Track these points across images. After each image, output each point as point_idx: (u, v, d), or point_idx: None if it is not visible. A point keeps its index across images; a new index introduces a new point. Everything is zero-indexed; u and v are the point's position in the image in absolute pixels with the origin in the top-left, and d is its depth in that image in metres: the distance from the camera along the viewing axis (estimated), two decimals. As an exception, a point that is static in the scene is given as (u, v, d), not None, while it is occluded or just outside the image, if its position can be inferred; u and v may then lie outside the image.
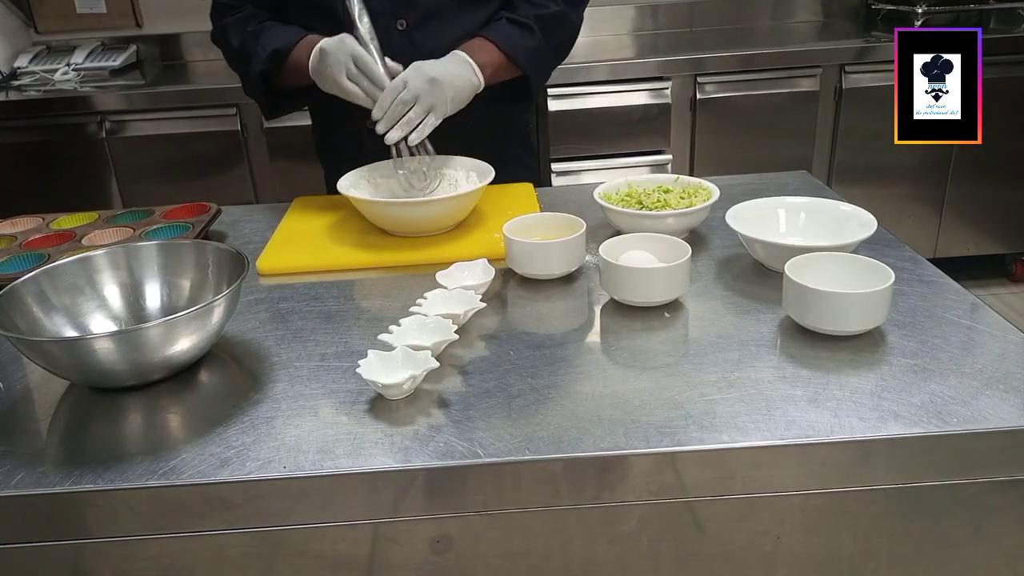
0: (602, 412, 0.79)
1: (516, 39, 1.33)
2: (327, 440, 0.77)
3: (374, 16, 1.26)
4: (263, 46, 1.31)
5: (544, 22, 1.35)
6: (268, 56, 1.30)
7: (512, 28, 1.34)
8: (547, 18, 1.36)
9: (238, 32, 1.36)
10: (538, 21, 1.35)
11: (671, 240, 1.02)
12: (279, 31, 1.33)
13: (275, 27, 1.34)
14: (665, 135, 2.68)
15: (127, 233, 1.30)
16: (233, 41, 1.36)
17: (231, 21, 1.37)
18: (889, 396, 0.79)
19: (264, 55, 1.30)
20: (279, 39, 1.31)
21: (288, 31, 1.33)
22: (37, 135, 2.62)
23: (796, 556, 0.79)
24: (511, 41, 1.32)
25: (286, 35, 1.32)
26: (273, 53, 1.30)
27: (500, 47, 1.31)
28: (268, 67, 1.31)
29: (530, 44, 1.34)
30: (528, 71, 1.36)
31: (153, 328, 0.83)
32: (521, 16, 1.35)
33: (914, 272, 1.04)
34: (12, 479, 0.74)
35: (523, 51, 1.34)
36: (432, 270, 1.05)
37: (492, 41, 1.31)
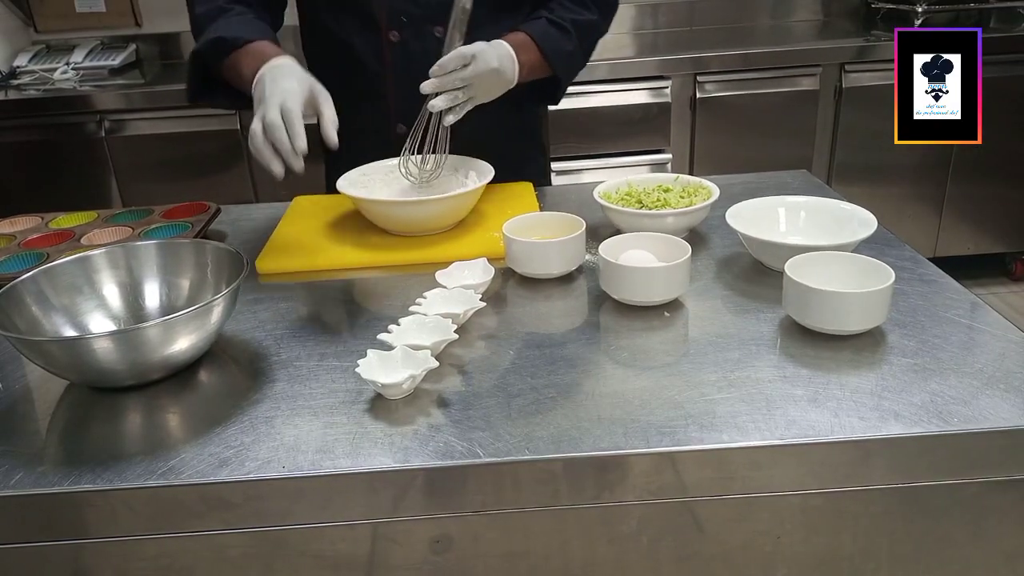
0: (602, 412, 0.79)
1: (556, 42, 1.33)
2: (326, 440, 0.77)
3: (413, 21, 1.29)
4: (214, 28, 1.23)
5: (581, 28, 1.36)
6: (210, 42, 1.21)
7: (552, 29, 1.33)
8: (584, 24, 1.37)
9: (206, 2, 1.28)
10: (575, 26, 1.35)
11: (671, 239, 1.02)
12: (239, 22, 1.25)
13: (243, 16, 1.27)
14: (665, 134, 2.68)
15: (126, 232, 1.30)
16: (196, 7, 1.28)
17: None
18: (889, 396, 0.79)
19: (208, 38, 1.21)
20: (232, 30, 1.21)
21: (248, 26, 1.24)
22: (36, 134, 2.62)
23: (796, 556, 0.79)
24: (551, 43, 1.32)
25: (241, 29, 1.22)
26: (216, 41, 1.20)
27: (540, 47, 1.31)
28: (205, 51, 1.22)
29: (567, 48, 1.34)
30: (561, 75, 1.36)
31: (152, 328, 0.83)
32: (559, 18, 1.35)
33: (914, 271, 1.04)
34: (11, 479, 0.74)
35: (560, 54, 1.34)
36: (432, 269, 1.05)
37: (534, 40, 1.31)
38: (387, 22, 1.32)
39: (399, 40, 1.33)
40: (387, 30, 1.33)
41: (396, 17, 1.32)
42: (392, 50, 1.34)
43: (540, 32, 1.32)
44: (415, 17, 1.32)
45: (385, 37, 1.33)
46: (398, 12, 1.32)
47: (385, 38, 1.33)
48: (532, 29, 1.31)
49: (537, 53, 1.31)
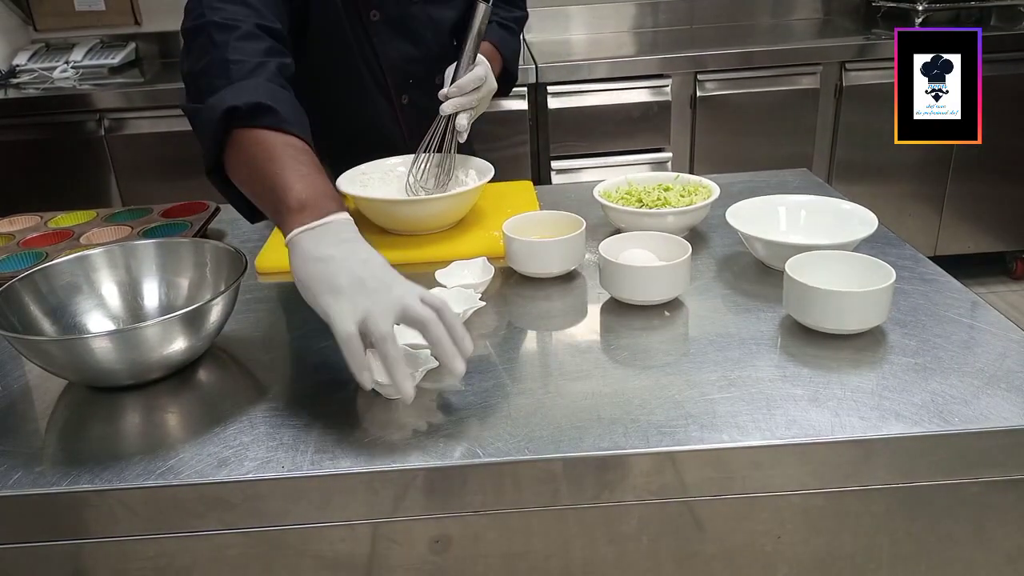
0: (602, 411, 0.79)
1: (510, 44, 1.43)
2: (326, 440, 0.77)
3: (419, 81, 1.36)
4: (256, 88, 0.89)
5: (519, 24, 1.51)
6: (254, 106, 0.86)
7: (504, 33, 1.43)
8: (521, 20, 1.52)
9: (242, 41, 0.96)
10: (516, 22, 1.48)
11: (671, 238, 1.02)
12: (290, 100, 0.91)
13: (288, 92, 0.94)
14: (665, 133, 2.68)
15: (125, 231, 1.30)
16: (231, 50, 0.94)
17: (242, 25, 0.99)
18: (890, 395, 0.79)
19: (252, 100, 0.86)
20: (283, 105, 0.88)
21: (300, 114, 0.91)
22: (36, 133, 2.62)
23: (796, 556, 0.79)
24: (508, 47, 1.42)
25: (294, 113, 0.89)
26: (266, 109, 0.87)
27: (502, 53, 1.40)
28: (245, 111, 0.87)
29: (516, 47, 1.46)
30: (515, 72, 1.46)
31: (151, 327, 0.83)
32: (504, 20, 1.45)
33: (915, 270, 1.04)
34: (10, 479, 0.74)
35: (514, 54, 1.45)
36: (431, 268, 1.05)
37: (499, 50, 1.39)
38: (395, 89, 1.37)
39: (409, 102, 1.39)
40: (397, 96, 1.38)
41: (403, 81, 1.38)
42: (404, 112, 1.39)
43: (499, 38, 1.41)
44: (419, 76, 1.37)
45: (397, 104, 1.39)
46: (404, 76, 1.37)
47: (397, 105, 1.39)
48: (493, 36, 1.39)
49: (499, 60, 1.40)
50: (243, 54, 0.94)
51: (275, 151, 0.84)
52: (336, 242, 0.78)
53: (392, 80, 1.36)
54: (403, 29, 1.34)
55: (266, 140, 0.86)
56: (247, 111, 0.86)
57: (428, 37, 1.37)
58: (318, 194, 0.81)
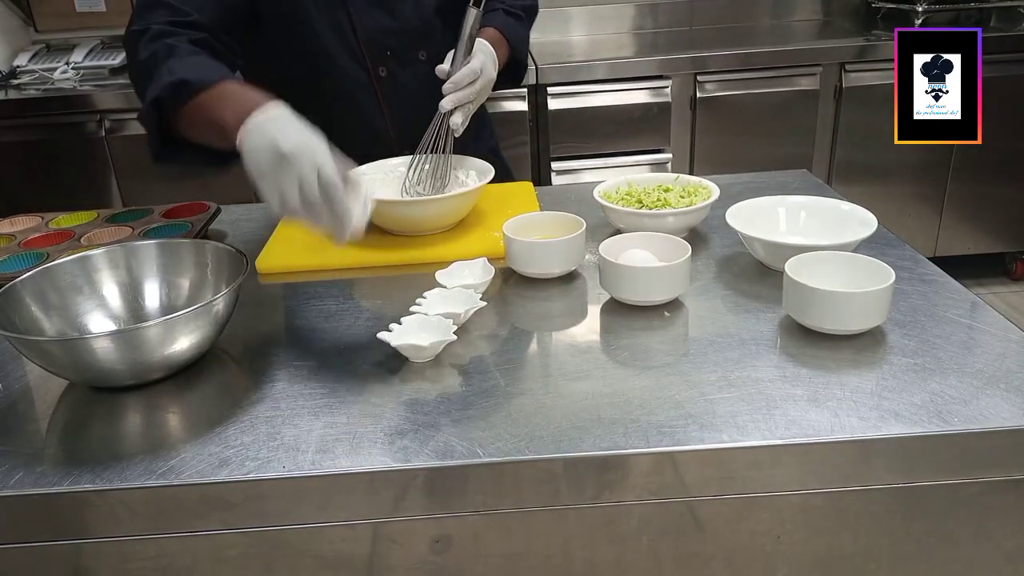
0: (602, 412, 0.79)
1: (517, 31, 1.41)
2: (326, 440, 0.77)
3: (396, 53, 1.34)
4: (168, 70, 1.03)
5: (529, 12, 1.48)
6: (171, 85, 1.01)
7: (511, 20, 1.40)
8: (530, 8, 1.49)
9: (151, 42, 1.10)
10: (525, 11, 1.45)
11: (671, 239, 1.02)
12: (199, 63, 1.07)
13: (198, 56, 1.10)
14: (665, 134, 2.68)
15: (126, 232, 1.30)
16: (141, 51, 1.10)
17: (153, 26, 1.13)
18: (889, 395, 0.79)
19: (167, 81, 1.01)
20: (194, 71, 1.02)
21: (210, 67, 1.05)
22: (36, 134, 2.62)
23: (796, 556, 0.79)
24: (514, 33, 1.40)
25: (205, 70, 1.03)
26: (179, 84, 1.00)
27: (508, 40, 1.38)
28: (165, 96, 1.01)
29: (523, 34, 1.44)
30: (524, 61, 1.44)
31: (152, 327, 0.83)
32: (511, 7, 1.42)
33: (914, 271, 1.04)
34: (11, 479, 0.74)
35: (521, 42, 1.42)
36: (432, 269, 1.05)
37: (505, 36, 1.37)
38: (372, 60, 1.35)
39: (387, 74, 1.37)
40: (374, 67, 1.36)
41: (380, 52, 1.35)
42: (383, 85, 1.37)
43: (505, 24, 1.39)
44: (396, 48, 1.35)
45: (374, 75, 1.36)
46: (381, 47, 1.35)
47: (374, 76, 1.36)
48: (497, 23, 1.38)
49: (506, 46, 1.38)
50: (154, 48, 1.09)
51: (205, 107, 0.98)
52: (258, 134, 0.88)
53: (369, 52, 1.34)
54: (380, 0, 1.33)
55: (197, 105, 0.99)
56: (169, 94, 1.01)
57: (407, 11, 1.35)
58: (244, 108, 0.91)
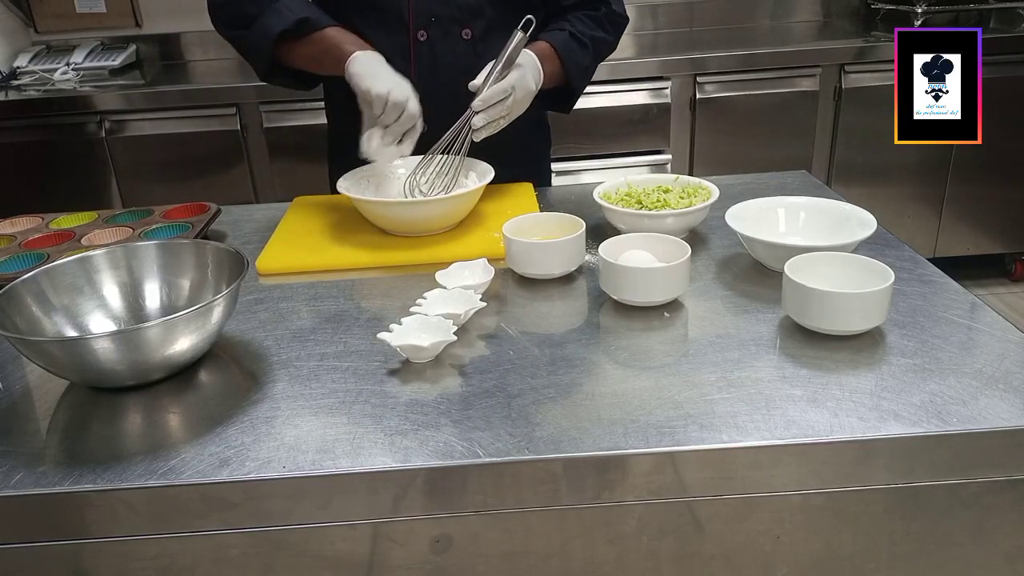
0: (602, 412, 0.79)
1: (576, 56, 1.38)
2: (327, 440, 0.77)
3: (441, 22, 1.34)
4: (289, 6, 1.29)
5: (598, 44, 1.42)
6: (297, 21, 1.28)
7: (574, 44, 1.38)
8: (601, 42, 1.43)
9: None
10: (593, 42, 1.41)
11: (671, 240, 1.02)
12: (306, 3, 1.33)
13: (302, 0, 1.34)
14: (665, 135, 2.68)
15: (126, 233, 1.30)
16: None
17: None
18: (889, 396, 0.79)
19: (291, 17, 1.28)
20: (310, 10, 1.31)
21: (317, 9, 1.33)
22: (37, 135, 2.62)
23: (796, 556, 0.79)
24: (572, 57, 1.38)
25: (316, 11, 1.32)
26: (302, 21, 1.29)
27: (562, 59, 1.36)
28: (290, 29, 1.29)
29: (584, 62, 1.40)
30: (576, 86, 1.42)
31: (152, 328, 0.83)
32: (580, 33, 1.39)
33: (914, 272, 1.04)
34: (12, 479, 0.74)
35: (578, 67, 1.39)
36: (432, 270, 1.05)
37: (557, 52, 1.36)
38: (415, 21, 1.34)
39: (426, 40, 1.35)
40: (415, 29, 1.35)
41: (425, 16, 1.34)
42: (419, 49, 1.36)
43: (562, 44, 1.37)
44: (443, 18, 1.34)
45: (413, 36, 1.35)
46: (427, 12, 1.34)
47: (413, 37, 1.35)
48: (555, 40, 1.36)
49: (558, 64, 1.36)
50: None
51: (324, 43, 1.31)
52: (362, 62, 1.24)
53: (414, 12, 1.34)
54: None
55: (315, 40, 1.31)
56: (293, 28, 1.29)
57: None
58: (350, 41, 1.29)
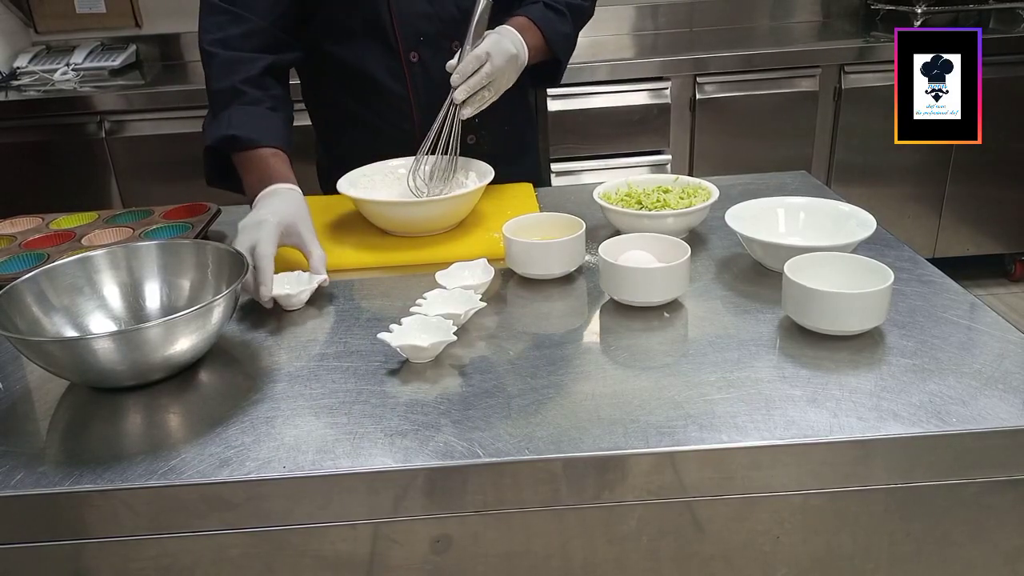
0: (602, 412, 0.79)
1: (555, 25, 1.37)
2: (327, 440, 0.77)
3: (430, 40, 1.33)
4: (227, 119, 1.19)
5: (574, 11, 1.41)
6: (224, 139, 1.19)
7: (550, 13, 1.37)
8: (576, 8, 1.42)
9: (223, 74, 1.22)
10: (569, 9, 1.40)
11: (670, 240, 1.02)
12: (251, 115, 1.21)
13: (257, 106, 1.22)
14: (664, 135, 2.68)
15: (127, 233, 1.30)
16: (214, 80, 1.22)
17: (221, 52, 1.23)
18: (888, 396, 0.79)
19: (221, 134, 1.18)
20: (244, 127, 1.19)
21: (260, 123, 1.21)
22: (37, 135, 2.62)
23: (795, 556, 0.79)
24: (551, 26, 1.36)
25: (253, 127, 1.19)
26: (229, 139, 1.18)
27: (542, 30, 1.34)
28: (218, 147, 1.20)
29: (565, 30, 1.39)
30: (561, 56, 1.40)
31: (153, 328, 0.83)
32: (555, 3, 1.38)
33: (913, 272, 1.04)
34: (12, 479, 0.74)
35: (559, 36, 1.38)
36: (432, 270, 1.05)
37: (535, 24, 1.34)
38: (404, 44, 1.34)
39: (418, 60, 1.35)
40: (406, 52, 1.35)
41: (413, 38, 1.34)
42: (412, 71, 1.36)
43: (539, 15, 1.35)
44: (430, 35, 1.34)
45: (404, 60, 1.35)
46: (414, 33, 1.34)
47: (405, 60, 1.35)
48: (531, 13, 1.34)
49: (539, 36, 1.34)
50: (219, 83, 1.22)
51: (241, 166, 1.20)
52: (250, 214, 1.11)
53: (402, 35, 1.33)
54: None
55: (238, 160, 1.21)
56: (220, 146, 1.20)
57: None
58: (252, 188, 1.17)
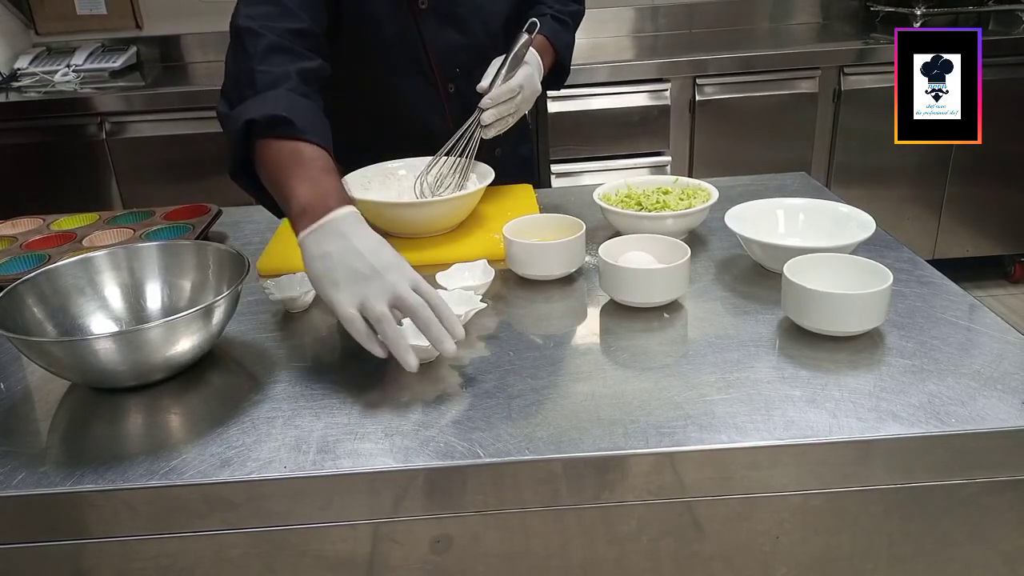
0: (602, 412, 0.79)
1: (563, 36, 1.43)
2: (327, 440, 0.77)
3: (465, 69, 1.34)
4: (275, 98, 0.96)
5: (575, 18, 1.48)
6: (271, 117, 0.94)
7: (558, 26, 1.42)
8: (576, 15, 1.49)
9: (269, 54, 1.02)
10: (572, 17, 1.46)
11: (670, 241, 1.02)
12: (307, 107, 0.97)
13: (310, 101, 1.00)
14: (664, 137, 2.69)
15: (127, 234, 1.30)
16: (253, 55, 1.01)
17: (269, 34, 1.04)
18: (887, 396, 0.79)
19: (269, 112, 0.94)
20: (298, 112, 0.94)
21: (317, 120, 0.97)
22: (37, 136, 2.62)
23: (795, 556, 0.79)
24: (561, 39, 1.42)
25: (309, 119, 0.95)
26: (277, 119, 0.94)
27: (554, 46, 1.40)
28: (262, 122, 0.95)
29: (568, 40, 1.45)
30: (568, 66, 1.46)
31: (154, 329, 0.83)
32: (559, 13, 1.43)
33: (912, 273, 1.04)
34: (13, 479, 0.74)
35: (567, 48, 1.44)
36: (432, 271, 1.05)
37: (551, 42, 1.39)
38: (441, 76, 1.35)
39: (455, 91, 1.37)
40: (444, 84, 1.36)
41: (450, 69, 1.36)
42: (451, 103, 1.37)
43: (551, 31, 1.39)
44: (466, 65, 1.34)
45: (444, 92, 1.36)
46: (451, 64, 1.35)
47: (444, 93, 1.37)
48: (545, 29, 1.38)
49: (552, 53, 1.39)
50: (269, 64, 1.02)
51: (286, 160, 0.92)
52: (334, 238, 0.85)
53: (439, 69, 1.34)
54: (452, 17, 1.33)
55: (280, 150, 0.93)
56: (265, 123, 0.94)
57: (476, 26, 1.35)
58: (319, 196, 0.87)
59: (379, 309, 0.81)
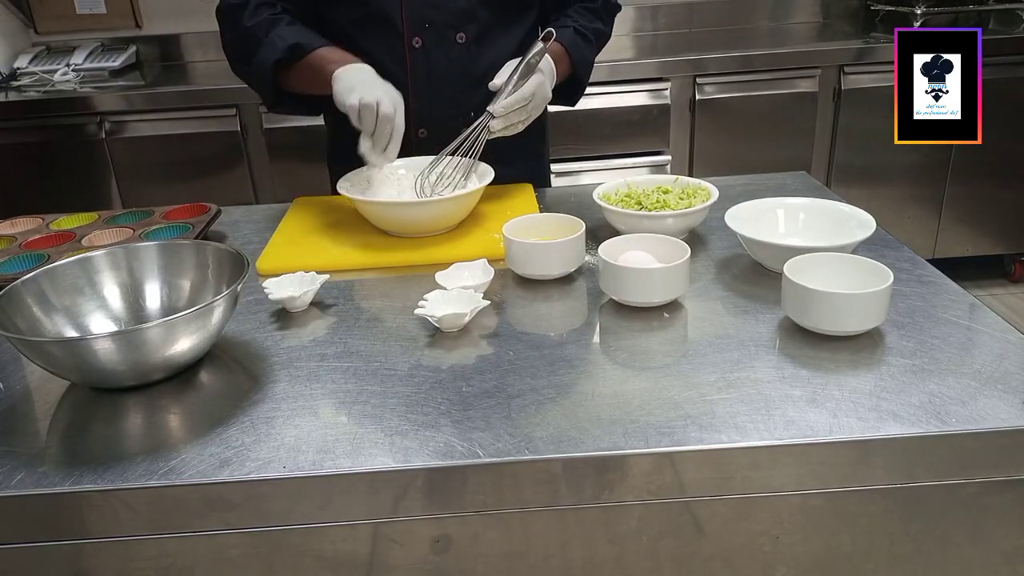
0: (601, 412, 0.79)
1: (584, 52, 1.43)
2: (327, 440, 0.77)
3: (435, 27, 1.34)
4: (281, 36, 1.30)
5: (599, 37, 1.48)
6: (288, 48, 1.28)
7: (579, 39, 1.42)
8: (601, 34, 1.49)
9: (252, 14, 1.33)
10: (595, 35, 1.46)
11: (670, 241, 1.02)
12: (299, 29, 1.33)
13: (295, 24, 1.34)
14: (664, 136, 2.69)
15: (127, 234, 1.30)
16: (245, 20, 1.32)
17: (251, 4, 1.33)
18: (888, 396, 0.79)
19: (283, 45, 1.29)
20: (301, 36, 1.31)
21: (310, 33, 1.33)
22: (37, 136, 2.62)
23: (795, 556, 0.79)
24: (580, 54, 1.42)
25: (307, 35, 1.32)
26: (293, 47, 1.29)
27: (572, 59, 1.40)
28: (283, 58, 1.29)
29: (590, 57, 1.45)
30: (585, 82, 1.47)
31: (153, 328, 0.83)
32: (583, 28, 1.43)
33: (913, 272, 1.04)
34: (12, 479, 0.74)
35: (585, 63, 1.44)
36: (432, 271, 1.05)
37: (568, 53, 1.39)
38: (410, 28, 1.35)
39: (421, 46, 1.36)
40: (410, 36, 1.35)
41: (419, 23, 1.35)
42: (414, 56, 1.36)
43: (571, 42, 1.40)
44: (437, 23, 1.35)
45: (407, 43, 1.36)
46: (421, 19, 1.35)
47: (407, 44, 1.36)
48: (564, 39, 1.39)
49: (568, 63, 1.40)
50: (258, 17, 1.33)
51: (315, 64, 1.30)
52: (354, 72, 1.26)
53: (409, 19, 1.34)
54: None
55: (308, 61, 1.31)
56: (286, 57, 1.30)
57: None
58: (343, 59, 1.28)
59: (368, 99, 1.18)
